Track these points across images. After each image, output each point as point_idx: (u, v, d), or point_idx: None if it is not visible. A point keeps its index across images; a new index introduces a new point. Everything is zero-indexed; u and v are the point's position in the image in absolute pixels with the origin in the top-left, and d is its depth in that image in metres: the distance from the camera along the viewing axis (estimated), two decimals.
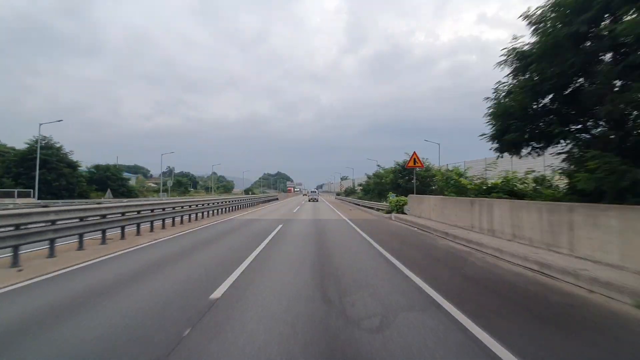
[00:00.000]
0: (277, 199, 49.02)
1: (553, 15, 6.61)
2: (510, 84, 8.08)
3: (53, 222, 6.64)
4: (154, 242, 8.82)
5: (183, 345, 2.89)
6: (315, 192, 53.93)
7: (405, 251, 7.89)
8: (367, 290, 4.57)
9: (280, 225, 13.32)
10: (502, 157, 9.02)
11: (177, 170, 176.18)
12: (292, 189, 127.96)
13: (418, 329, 3.25)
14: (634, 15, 5.33)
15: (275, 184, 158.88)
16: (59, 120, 35.79)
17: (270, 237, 9.81)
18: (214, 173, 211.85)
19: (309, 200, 43.04)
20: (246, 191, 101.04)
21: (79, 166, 38.27)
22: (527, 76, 7.47)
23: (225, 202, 22.51)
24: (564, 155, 7.68)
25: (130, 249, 7.69)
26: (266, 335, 3.08)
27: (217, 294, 4.32)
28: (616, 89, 6.15)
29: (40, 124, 30.71)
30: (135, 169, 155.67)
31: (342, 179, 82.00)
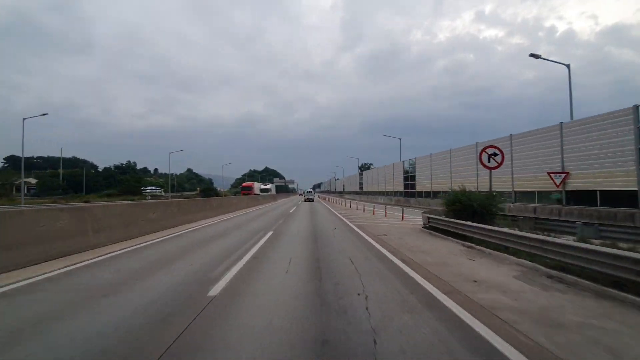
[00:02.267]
0: None
1: None
2: None
3: None
4: None
5: None
6: (311, 192, 51.26)
7: None
8: None
9: None
10: None
11: (140, 167, 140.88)
12: (253, 185, 56.05)
13: None
14: None
15: (263, 182, 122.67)
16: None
17: None
18: (189, 170, 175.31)
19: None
20: (206, 192, 64.93)
21: None
22: None
23: None
24: None
25: None
26: None
27: None
28: None
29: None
30: (75, 162, 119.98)
31: (363, 168, 47.66)
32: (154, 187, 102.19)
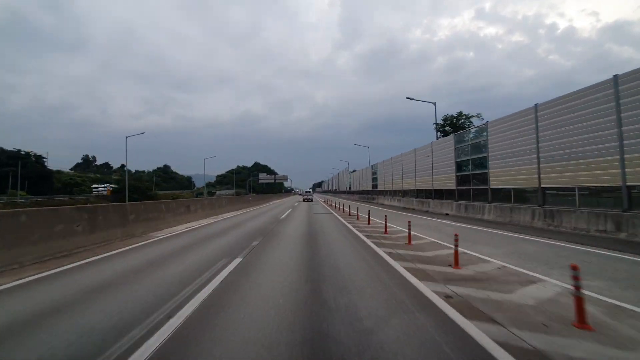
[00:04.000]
0: None
1: None
2: None
3: None
4: None
5: None
6: (309, 192, 48.36)
7: None
8: None
9: None
10: None
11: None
12: None
13: None
14: None
15: (248, 179, 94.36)
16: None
17: None
18: (166, 166, 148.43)
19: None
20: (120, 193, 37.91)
21: None
22: None
23: None
24: None
25: None
26: None
27: None
28: None
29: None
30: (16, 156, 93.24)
31: (449, 124, 21.45)
32: (108, 185, 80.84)
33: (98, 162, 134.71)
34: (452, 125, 23.99)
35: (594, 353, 2.43)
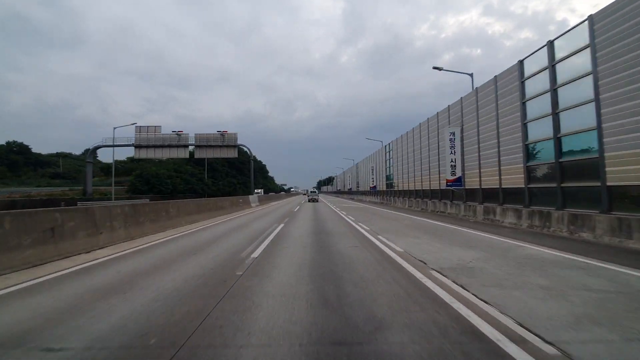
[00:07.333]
0: None
1: None
2: None
3: None
4: None
5: None
6: (315, 192, 45.35)
7: None
8: None
9: None
10: None
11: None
12: None
13: None
14: None
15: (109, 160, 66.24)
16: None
17: None
18: (94, 154, 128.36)
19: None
20: None
21: None
22: None
23: None
24: None
25: None
26: None
27: None
28: None
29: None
30: None
31: None
32: None
33: None
34: None
35: None
